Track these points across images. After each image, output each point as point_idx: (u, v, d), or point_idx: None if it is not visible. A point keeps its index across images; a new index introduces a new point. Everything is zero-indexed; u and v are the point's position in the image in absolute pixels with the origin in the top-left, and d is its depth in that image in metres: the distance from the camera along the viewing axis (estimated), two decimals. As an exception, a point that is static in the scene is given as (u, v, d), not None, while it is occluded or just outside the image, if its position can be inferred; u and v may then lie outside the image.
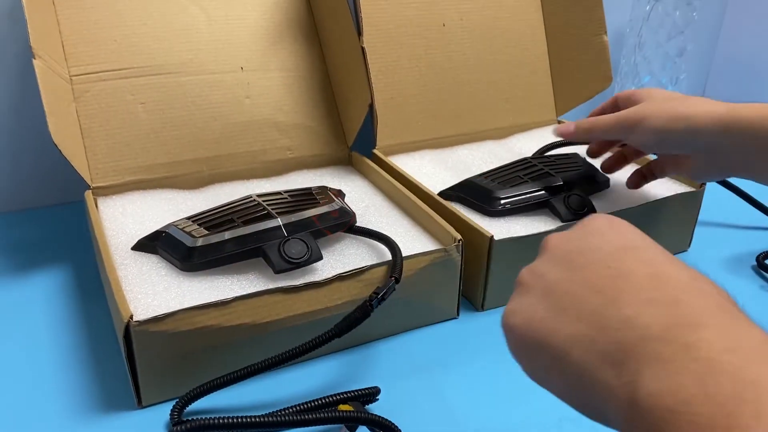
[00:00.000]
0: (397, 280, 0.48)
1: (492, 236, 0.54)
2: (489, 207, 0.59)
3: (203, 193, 0.61)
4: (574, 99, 0.81)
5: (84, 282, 0.59)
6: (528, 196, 0.59)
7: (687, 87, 1.07)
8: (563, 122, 0.83)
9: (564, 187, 0.60)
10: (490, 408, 0.47)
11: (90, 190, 0.58)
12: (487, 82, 0.78)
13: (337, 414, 0.41)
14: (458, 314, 0.56)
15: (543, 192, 0.60)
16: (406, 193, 0.60)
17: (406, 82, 0.72)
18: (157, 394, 0.45)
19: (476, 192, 0.61)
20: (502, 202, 0.59)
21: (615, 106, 0.59)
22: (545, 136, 0.80)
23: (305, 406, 0.43)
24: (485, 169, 0.70)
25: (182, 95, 0.62)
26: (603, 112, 0.60)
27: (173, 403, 0.43)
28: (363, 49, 0.62)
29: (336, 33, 0.67)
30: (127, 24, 0.61)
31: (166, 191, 0.61)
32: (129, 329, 0.42)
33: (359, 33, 0.65)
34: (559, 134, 0.60)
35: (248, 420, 0.39)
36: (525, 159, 0.65)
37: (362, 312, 0.45)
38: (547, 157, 0.67)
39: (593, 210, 0.59)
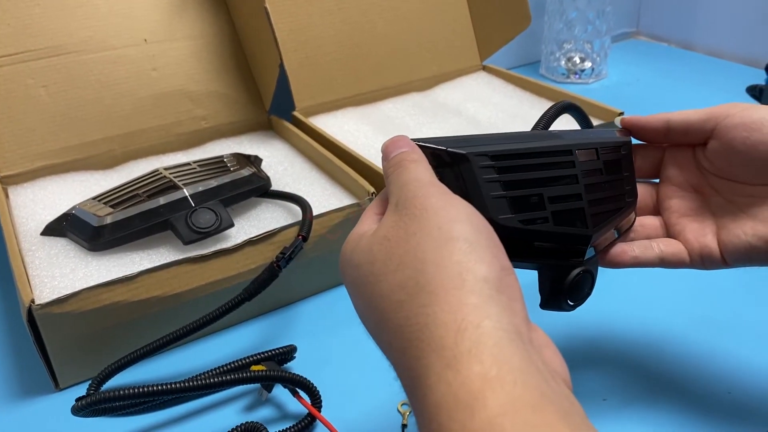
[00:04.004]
0: (305, 239, 0.48)
1: (405, 186, 0.54)
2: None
3: (118, 172, 0.60)
4: (496, 42, 0.81)
5: None
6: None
7: (615, 20, 1.06)
8: (490, 67, 0.82)
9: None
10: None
11: (-2, 180, 0.57)
12: (407, 33, 0.77)
13: (248, 374, 0.41)
14: (382, 267, 0.57)
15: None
16: (323, 152, 0.60)
17: (321, 39, 0.71)
18: (74, 376, 0.46)
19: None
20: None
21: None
22: (470, 84, 0.80)
23: (218, 369, 0.44)
24: (410, 123, 0.70)
25: (85, 74, 0.61)
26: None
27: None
28: (266, 9, 0.61)
29: (240, -5, 0.66)
30: (18, 6, 0.59)
31: (79, 174, 0.60)
32: (32, 313, 0.42)
33: (263, -7, 0.64)
34: (627, 124, 0.41)
35: (155, 388, 0.39)
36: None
37: (269, 273, 0.46)
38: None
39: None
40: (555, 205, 0.33)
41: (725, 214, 0.38)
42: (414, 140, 0.32)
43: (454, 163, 0.32)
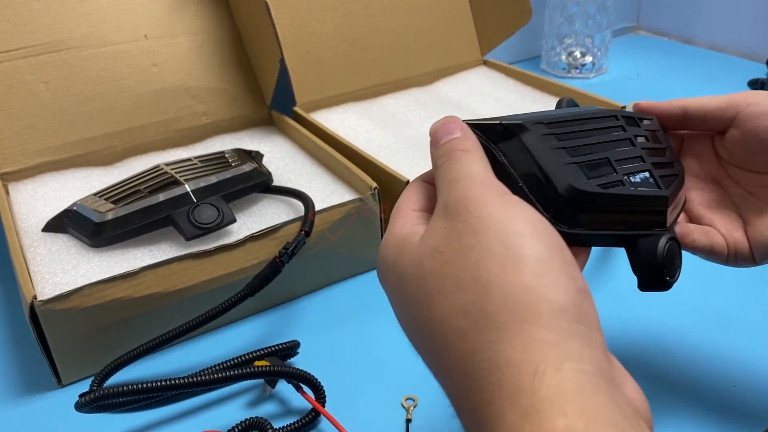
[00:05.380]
0: (308, 234, 0.48)
1: (408, 180, 0.53)
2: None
3: (118, 168, 0.60)
4: (497, 37, 0.80)
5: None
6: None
7: (616, 15, 1.06)
8: (490, 62, 0.82)
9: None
10: (413, 352, 0.47)
11: (-1, 176, 0.57)
12: (407, 27, 0.76)
13: (251, 370, 0.41)
14: (384, 262, 0.56)
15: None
16: (324, 148, 0.60)
17: (322, 34, 0.71)
18: (77, 372, 0.45)
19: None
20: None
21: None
22: (471, 79, 0.79)
23: (222, 365, 0.43)
24: (412, 118, 0.70)
25: (86, 70, 0.61)
26: None
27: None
28: (266, 4, 0.60)
29: (241, -10, 0.65)
30: (18, 2, 0.59)
31: (79, 170, 0.59)
32: (34, 309, 0.42)
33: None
34: (642, 110, 0.39)
35: (158, 384, 0.39)
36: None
37: (272, 268, 0.45)
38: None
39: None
40: (623, 167, 0.31)
41: (749, 208, 0.37)
42: (465, 121, 0.29)
43: (513, 135, 0.29)
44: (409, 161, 0.60)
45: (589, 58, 0.96)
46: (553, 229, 0.25)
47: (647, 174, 0.32)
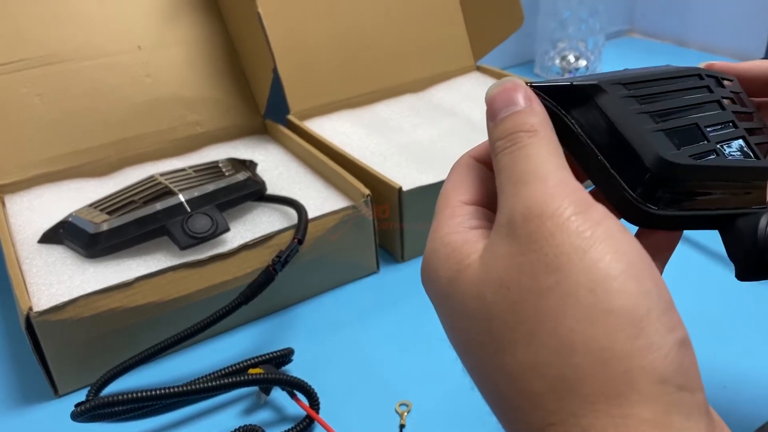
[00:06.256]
0: (300, 242, 0.48)
1: (400, 187, 0.54)
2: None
3: (113, 179, 0.61)
4: (490, 42, 0.81)
5: None
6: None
7: (610, 18, 1.07)
8: (483, 67, 0.83)
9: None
10: (406, 357, 0.48)
11: (-6, 189, 0.58)
12: (400, 35, 0.77)
13: (245, 377, 0.42)
14: (378, 268, 0.57)
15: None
16: (317, 156, 0.60)
17: (314, 43, 0.71)
18: (73, 382, 0.46)
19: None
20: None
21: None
22: (465, 84, 0.80)
23: (216, 373, 0.44)
24: (405, 124, 0.70)
25: (80, 82, 0.61)
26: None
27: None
28: (258, 14, 0.61)
29: (233, 1, 0.66)
30: (11, 15, 0.59)
31: (75, 181, 0.60)
32: (30, 320, 0.42)
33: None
34: (718, 69, 0.33)
35: (154, 393, 0.39)
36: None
37: (265, 277, 0.46)
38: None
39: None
40: (715, 133, 0.27)
41: None
42: (529, 85, 0.24)
43: (588, 99, 0.24)
44: (402, 168, 0.61)
45: (582, 62, 0.97)
46: (648, 258, 0.20)
47: (742, 142, 0.28)
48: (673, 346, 0.19)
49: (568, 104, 0.25)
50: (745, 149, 0.27)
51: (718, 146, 0.26)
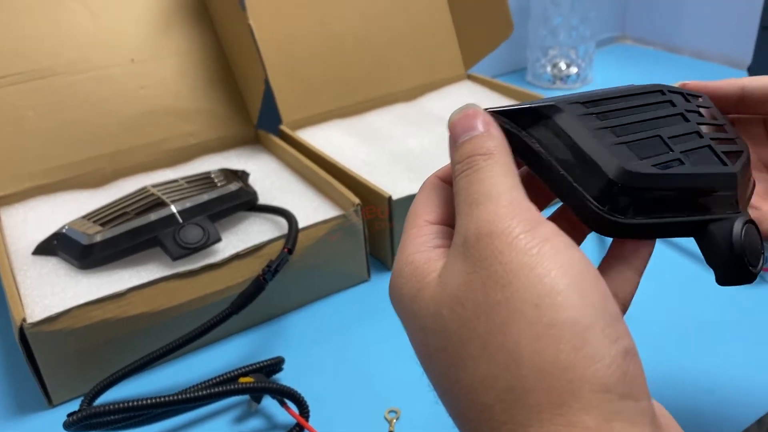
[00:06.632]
0: (290, 251, 0.49)
1: (390, 196, 0.55)
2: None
3: (107, 190, 0.61)
4: (480, 51, 0.82)
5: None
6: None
7: (602, 25, 1.08)
8: (474, 76, 0.83)
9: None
10: (395, 365, 0.48)
11: (-11, 201, 0.58)
12: (391, 43, 0.78)
13: (236, 386, 0.42)
14: (369, 276, 0.58)
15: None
16: (309, 165, 0.61)
17: (305, 54, 0.72)
18: (67, 392, 0.46)
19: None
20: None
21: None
22: (455, 93, 0.81)
23: (208, 382, 0.44)
24: (396, 133, 0.71)
25: (73, 95, 0.62)
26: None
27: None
28: (250, 26, 0.62)
29: (224, 13, 0.67)
30: (4, 29, 0.60)
31: (69, 193, 0.61)
32: (24, 331, 0.43)
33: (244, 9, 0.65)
34: (692, 88, 0.35)
35: (146, 402, 0.40)
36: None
37: (255, 286, 0.46)
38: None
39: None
40: (678, 144, 0.27)
41: None
42: (491, 112, 0.26)
43: (547, 119, 0.25)
44: (392, 176, 0.61)
45: (573, 69, 0.98)
46: (595, 271, 0.21)
47: (708, 150, 0.28)
48: (617, 356, 0.20)
49: (529, 126, 0.26)
50: (712, 157, 0.28)
51: (681, 155, 0.27)
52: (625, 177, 0.24)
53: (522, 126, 0.26)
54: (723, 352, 0.47)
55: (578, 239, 0.28)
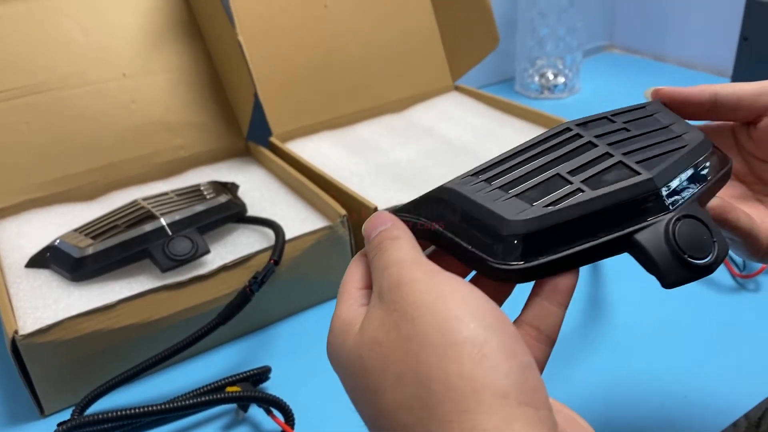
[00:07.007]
0: (276, 262, 0.50)
1: (375, 207, 0.56)
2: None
3: (99, 203, 0.63)
4: (467, 62, 0.83)
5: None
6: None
7: (589, 34, 1.09)
8: (461, 87, 0.85)
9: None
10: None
11: (-17, 215, 0.60)
12: (378, 56, 0.79)
13: (223, 395, 0.43)
14: (356, 286, 0.59)
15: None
16: (297, 177, 0.62)
17: (294, 66, 0.74)
18: (59, 402, 0.47)
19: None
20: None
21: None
22: (443, 104, 0.82)
23: (196, 392, 0.46)
24: (383, 144, 0.72)
25: (67, 109, 0.63)
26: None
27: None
28: (239, 42, 0.63)
29: (215, 28, 0.68)
30: None
31: (62, 206, 0.62)
32: (16, 343, 0.44)
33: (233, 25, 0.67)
34: (663, 97, 0.36)
35: (135, 411, 0.41)
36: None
37: (242, 298, 0.48)
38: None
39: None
40: (580, 174, 0.28)
41: None
42: (394, 211, 0.29)
43: (442, 202, 0.28)
44: (379, 187, 0.63)
45: (561, 79, 0.99)
46: (490, 302, 0.24)
47: (621, 165, 0.29)
48: (513, 368, 0.22)
49: (430, 213, 0.29)
50: (625, 171, 0.29)
51: (582, 184, 0.28)
52: (511, 227, 0.26)
53: (426, 216, 0.29)
54: (696, 356, 0.48)
55: (506, 292, 0.31)
